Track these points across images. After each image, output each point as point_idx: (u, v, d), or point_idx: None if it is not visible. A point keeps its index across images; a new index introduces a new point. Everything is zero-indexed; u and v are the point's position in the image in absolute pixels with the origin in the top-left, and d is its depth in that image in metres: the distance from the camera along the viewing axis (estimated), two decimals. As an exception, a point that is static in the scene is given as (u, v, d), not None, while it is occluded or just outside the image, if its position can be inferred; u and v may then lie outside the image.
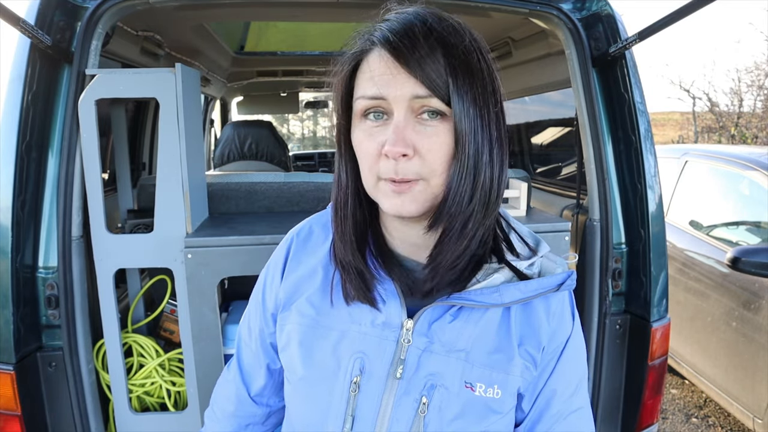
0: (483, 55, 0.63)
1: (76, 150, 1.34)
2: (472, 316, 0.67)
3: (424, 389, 0.65)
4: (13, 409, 1.27)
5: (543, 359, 0.70)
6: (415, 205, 0.62)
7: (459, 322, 0.67)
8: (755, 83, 10.03)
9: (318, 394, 0.70)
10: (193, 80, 1.52)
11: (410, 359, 0.66)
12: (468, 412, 0.66)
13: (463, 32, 0.62)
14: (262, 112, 5.43)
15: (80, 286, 1.36)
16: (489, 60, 0.64)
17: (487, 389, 0.66)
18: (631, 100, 1.50)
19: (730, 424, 3.03)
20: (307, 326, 0.72)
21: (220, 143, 2.79)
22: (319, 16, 2.12)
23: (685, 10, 1.18)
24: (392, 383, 0.66)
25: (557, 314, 0.71)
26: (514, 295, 0.66)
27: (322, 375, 0.70)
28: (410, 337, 0.66)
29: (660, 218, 1.51)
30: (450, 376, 0.66)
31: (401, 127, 0.60)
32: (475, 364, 0.66)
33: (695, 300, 2.92)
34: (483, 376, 0.66)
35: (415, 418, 0.65)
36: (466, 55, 0.61)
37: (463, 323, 0.67)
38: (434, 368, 0.66)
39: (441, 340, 0.66)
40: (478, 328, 0.67)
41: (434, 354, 0.66)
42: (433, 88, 0.59)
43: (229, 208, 1.81)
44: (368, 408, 0.67)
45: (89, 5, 1.36)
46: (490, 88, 0.62)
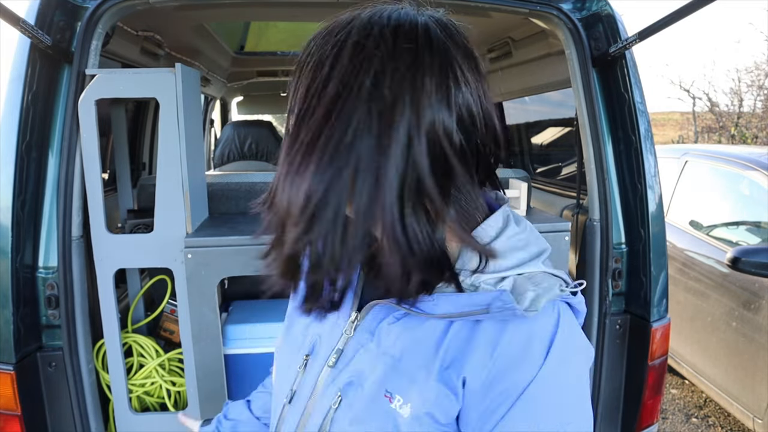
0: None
1: (76, 150, 1.34)
2: (410, 323, 0.61)
3: (344, 385, 0.63)
4: (13, 409, 1.27)
5: (481, 399, 0.56)
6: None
7: (399, 326, 0.62)
8: (755, 83, 10.04)
9: (283, 365, 0.74)
10: (193, 80, 1.52)
11: (348, 351, 0.65)
12: (372, 419, 0.60)
13: (334, 23, 0.57)
14: (262, 112, 5.43)
15: (80, 286, 1.36)
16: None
17: (402, 405, 0.59)
18: (631, 100, 1.50)
19: (730, 424, 3.03)
20: (291, 304, 0.77)
21: (220, 143, 2.79)
22: (319, 16, 2.12)
23: (685, 10, 1.18)
24: (326, 370, 0.66)
25: (511, 348, 0.56)
26: (446, 308, 0.58)
27: (291, 348, 0.73)
28: (352, 330, 0.65)
29: (660, 218, 1.51)
30: (371, 379, 0.61)
31: None
32: (401, 374, 0.60)
33: (695, 300, 2.92)
34: (403, 389, 0.59)
35: (329, 411, 0.63)
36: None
37: (402, 329, 0.61)
38: (362, 366, 0.63)
39: (380, 341, 0.63)
40: (413, 337, 0.60)
41: (369, 353, 0.63)
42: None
43: (229, 208, 1.82)
44: (306, 387, 0.68)
45: (89, 5, 1.36)
46: (319, 74, 0.54)
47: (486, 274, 0.58)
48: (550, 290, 0.57)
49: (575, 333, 0.59)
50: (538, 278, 0.59)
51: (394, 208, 0.52)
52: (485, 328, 0.57)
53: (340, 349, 0.66)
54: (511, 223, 0.62)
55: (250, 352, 1.56)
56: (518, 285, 0.58)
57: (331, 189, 0.51)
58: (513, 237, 0.61)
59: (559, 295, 0.57)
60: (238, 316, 1.61)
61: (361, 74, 0.51)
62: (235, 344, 1.55)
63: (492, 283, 0.58)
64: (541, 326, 0.56)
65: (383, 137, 0.51)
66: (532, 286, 0.57)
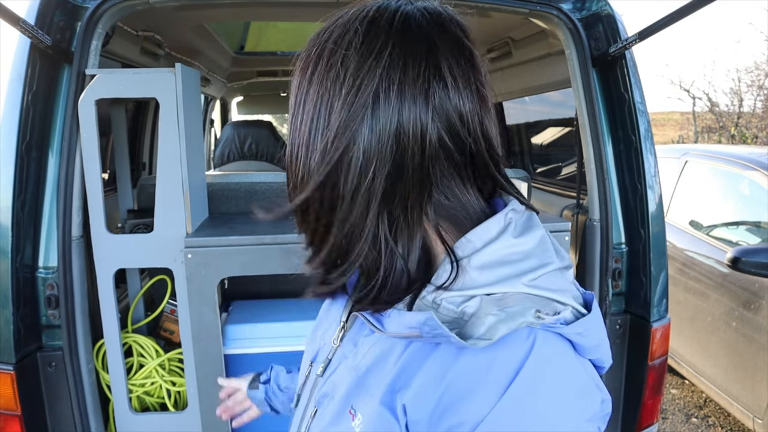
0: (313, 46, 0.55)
1: (76, 150, 1.34)
2: (381, 336, 0.55)
3: (321, 396, 0.61)
4: (13, 409, 1.27)
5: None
6: None
7: (371, 338, 0.57)
8: (755, 83, 10.04)
9: (303, 365, 0.72)
10: (193, 80, 1.52)
11: (333, 361, 0.63)
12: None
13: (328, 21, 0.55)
14: (262, 112, 5.43)
15: (80, 286, 1.36)
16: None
17: (360, 423, 0.53)
18: (631, 100, 1.50)
19: (730, 424, 3.03)
20: (321, 310, 0.75)
21: (220, 143, 2.79)
22: (319, 16, 2.12)
23: (685, 10, 1.18)
24: (317, 379, 0.64)
25: (465, 378, 0.46)
26: (394, 326, 0.52)
27: (306, 355, 0.72)
28: (338, 340, 0.63)
29: (660, 218, 1.51)
30: (341, 391, 0.57)
31: None
32: (363, 390, 0.55)
33: (695, 300, 2.92)
34: (363, 406, 0.54)
35: (309, 421, 0.62)
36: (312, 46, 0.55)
37: (372, 342, 0.57)
38: (338, 378, 0.60)
39: (356, 352, 0.59)
40: (379, 352, 0.55)
41: (347, 364, 0.59)
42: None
43: (229, 208, 1.82)
44: (305, 394, 0.67)
45: (89, 5, 1.36)
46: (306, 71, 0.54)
47: (451, 291, 0.50)
48: (518, 317, 0.47)
49: (556, 372, 0.47)
50: (509, 300, 0.48)
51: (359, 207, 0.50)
52: (440, 353, 0.49)
53: (329, 358, 0.63)
54: (508, 232, 0.52)
55: (250, 352, 1.56)
56: (482, 308, 0.48)
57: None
58: (502, 249, 0.51)
59: (531, 322, 0.47)
60: (238, 316, 1.61)
61: (336, 71, 0.49)
62: (235, 344, 1.55)
63: (457, 302, 0.50)
64: (504, 358, 0.46)
65: (356, 137, 0.48)
66: (496, 309, 0.47)
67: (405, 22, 0.50)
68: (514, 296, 0.49)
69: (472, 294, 0.49)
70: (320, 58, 0.51)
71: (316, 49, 0.52)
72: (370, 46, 0.49)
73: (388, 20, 0.50)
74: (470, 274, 0.50)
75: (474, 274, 0.50)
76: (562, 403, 0.46)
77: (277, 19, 2.54)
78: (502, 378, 0.45)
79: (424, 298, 0.51)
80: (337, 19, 0.53)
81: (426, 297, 0.51)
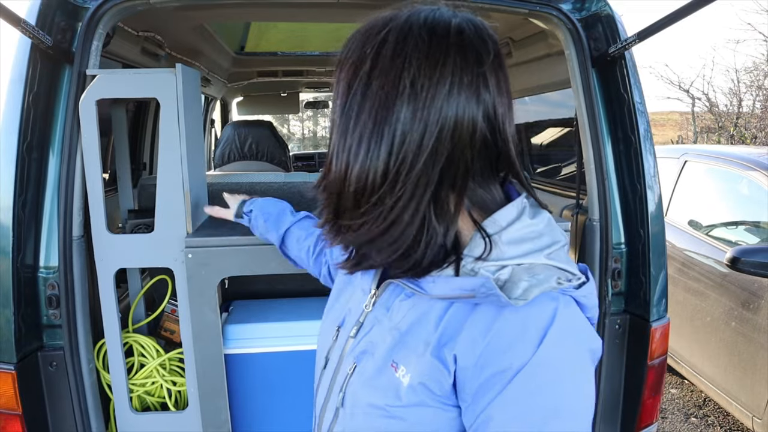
0: (380, 50, 0.59)
1: (76, 150, 1.35)
2: (420, 300, 0.66)
3: (359, 353, 0.71)
4: (14, 409, 1.27)
5: (475, 377, 0.59)
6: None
7: (408, 303, 0.67)
8: (754, 83, 10.04)
9: (322, 336, 0.82)
10: (194, 80, 1.53)
11: (366, 324, 0.72)
12: (378, 385, 0.66)
13: (377, 24, 0.62)
14: (263, 113, 5.43)
15: (81, 286, 1.36)
16: (390, 58, 0.59)
17: (404, 375, 0.64)
18: (630, 100, 1.50)
19: (730, 423, 3.04)
20: (341, 279, 0.85)
21: (220, 143, 2.79)
22: (319, 16, 2.13)
23: (685, 10, 1.18)
24: (349, 340, 0.74)
25: (505, 332, 0.58)
26: (441, 289, 0.63)
27: (330, 322, 0.81)
28: (371, 305, 0.73)
29: (659, 218, 1.51)
30: (381, 349, 0.67)
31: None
32: (405, 346, 0.65)
33: (695, 300, 2.93)
34: (406, 360, 0.64)
35: (347, 376, 0.71)
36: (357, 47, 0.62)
37: (410, 305, 0.67)
38: (375, 338, 0.69)
39: (392, 315, 0.69)
40: (418, 314, 0.66)
41: (382, 326, 0.69)
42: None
43: None
44: (335, 355, 0.76)
45: (90, 6, 1.36)
46: (360, 71, 0.60)
47: (488, 261, 0.61)
48: (545, 282, 0.59)
49: (576, 325, 0.61)
50: (536, 269, 0.61)
51: (418, 192, 0.59)
52: (482, 311, 0.60)
53: (361, 321, 0.73)
54: (525, 215, 0.64)
55: (250, 352, 1.56)
56: (515, 274, 0.60)
57: (370, 171, 0.59)
58: (523, 228, 0.63)
59: (554, 287, 0.59)
60: (238, 316, 1.62)
61: (401, 72, 0.58)
62: (235, 344, 1.55)
63: (492, 270, 0.61)
64: (537, 314, 0.58)
65: (416, 131, 0.58)
66: (528, 276, 0.59)
67: (459, 34, 0.59)
68: (538, 266, 0.61)
69: (503, 264, 0.61)
70: (379, 58, 0.59)
71: (371, 50, 0.60)
72: (434, 54, 0.58)
73: (445, 30, 0.59)
74: (501, 248, 0.62)
75: (504, 248, 0.62)
76: (580, 348, 0.60)
77: (277, 19, 2.54)
78: (537, 331, 0.57)
79: (464, 266, 0.62)
80: (388, 22, 0.61)
81: (466, 266, 0.62)
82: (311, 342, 1.55)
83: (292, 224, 1.22)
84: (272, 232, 1.24)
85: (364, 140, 0.59)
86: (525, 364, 0.56)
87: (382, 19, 0.61)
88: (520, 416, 0.56)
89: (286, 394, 1.59)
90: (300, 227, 1.22)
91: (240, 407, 1.58)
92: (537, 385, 0.56)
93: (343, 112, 0.61)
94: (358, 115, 0.60)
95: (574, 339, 0.60)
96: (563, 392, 0.57)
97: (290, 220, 1.23)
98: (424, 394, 0.62)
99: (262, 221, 1.26)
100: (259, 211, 1.27)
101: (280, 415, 1.60)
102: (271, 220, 1.24)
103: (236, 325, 1.57)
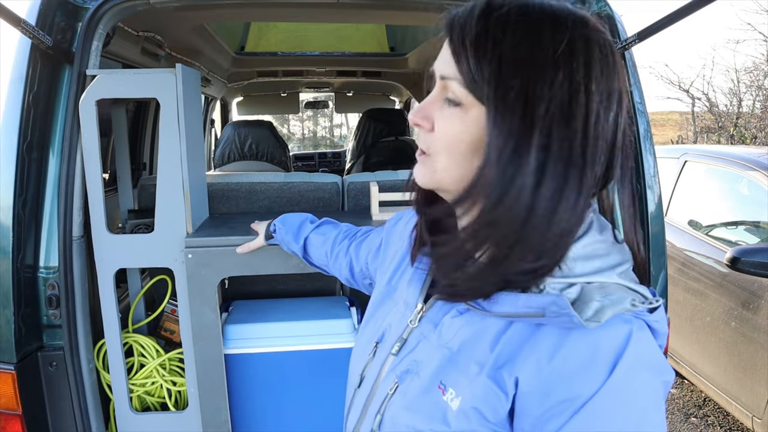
0: (572, 57, 0.53)
1: (76, 150, 1.35)
2: (474, 318, 0.61)
3: (402, 372, 0.66)
4: (14, 409, 1.27)
5: (537, 405, 0.54)
6: (420, 175, 0.63)
7: (460, 320, 0.63)
8: (754, 83, 10.03)
9: (358, 353, 0.78)
10: (194, 80, 1.53)
11: (410, 341, 0.68)
12: (423, 408, 0.61)
13: (545, 20, 0.54)
14: (263, 113, 5.44)
15: (81, 286, 1.36)
16: (583, 69, 0.54)
17: (454, 398, 0.59)
18: (630, 100, 1.50)
19: (729, 423, 3.04)
20: (380, 292, 0.81)
21: (220, 143, 2.79)
22: (319, 17, 2.13)
23: (685, 10, 1.18)
24: (389, 358, 0.69)
25: (573, 357, 0.53)
26: (505, 307, 0.58)
27: (367, 338, 0.77)
28: (417, 321, 0.68)
29: (659, 218, 1.51)
30: (428, 369, 0.63)
31: (427, 100, 0.61)
32: (456, 367, 0.60)
33: (694, 300, 2.93)
34: (456, 382, 0.59)
35: (386, 396, 0.66)
36: (532, 47, 0.53)
37: (463, 323, 0.62)
38: (421, 356, 0.65)
39: (441, 333, 0.64)
40: (472, 332, 0.61)
41: (429, 343, 0.65)
42: (462, 72, 0.55)
43: (230, 208, 1.82)
44: (372, 373, 0.71)
45: (90, 6, 1.36)
46: (566, 98, 0.53)
47: (555, 278, 0.57)
48: (619, 303, 0.53)
49: (651, 352, 0.55)
50: (609, 289, 0.56)
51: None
52: (546, 333, 0.55)
53: (404, 338, 0.68)
54: (593, 230, 0.59)
55: (250, 352, 1.56)
56: (585, 293, 0.55)
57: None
58: (592, 244, 0.58)
59: (629, 309, 0.54)
60: (238, 316, 1.62)
61: (587, 75, 0.54)
62: (235, 344, 1.55)
63: (559, 288, 0.56)
64: (609, 339, 0.53)
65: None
66: (600, 296, 0.54)
67: (611, 45, 0.58)
68: (611, 286, 0.56)
69: (572, 282, 0.56)
70: (577, 51, 0.54)
71: (546, 40, 0.54)
72: (609, 54, 0.56)
73: (609, 40, 0.57)
74: (568, 263, 0.56)
75: (571, 264, 0.57)
76: (654, 380, 0.54)
77: (277, 19, 2.54)
78: (609, 357, 0.52)
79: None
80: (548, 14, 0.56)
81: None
82: (311, 342, 1.56)
83: (311, 232, 1.22)
84: (294, 243, 1.24)
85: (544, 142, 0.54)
86: (595, 393, 0.51)
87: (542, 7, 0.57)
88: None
89: (286, 394, 1.59)
90: (318, 233, 1.21)
91: (240, 407, 1.58)
92: (608, 417, 0.51)
93: (528, 139, 0.53)
94: (549, 139, 0.53)
95: (648, 368, 0.54)
96: (635, 426, 0.52)
97: (309, 228, 1.22)
98: (476, 420, 0.57)
99: (284, 234, 1.26)
100: (282, 225, 1.28)
101: (280, 415, 1.60)
102: (291, 233, 1.24)
103: (236, 325, 1.57)
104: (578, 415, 0.51)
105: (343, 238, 1.14)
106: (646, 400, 0.53)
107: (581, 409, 0.51)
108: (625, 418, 0.51)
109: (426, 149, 0.62)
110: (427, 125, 0.61)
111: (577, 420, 0.51)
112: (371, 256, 0.99)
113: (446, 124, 0.59)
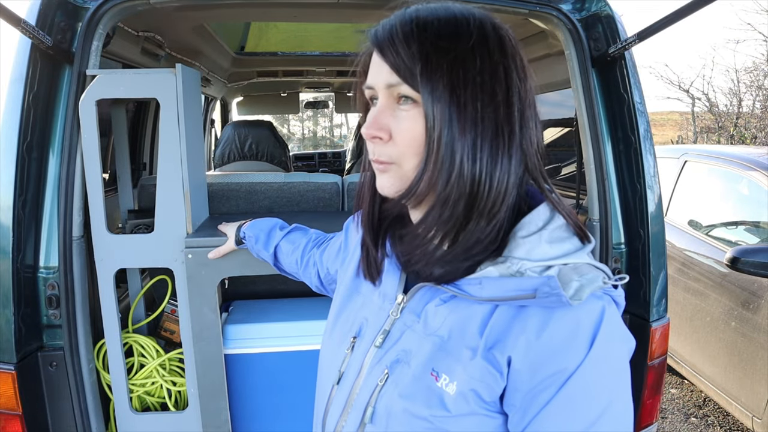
0: (485, 44, 0.61)
1: (76, 150, 1.35)
2: (459, 305, 0.65)
3: (391, 362, 0.68)
4: (14, 409, 1.27)
5: (527, 380, 0.59)
6: (389, 186, 0.66)
7: (446, 308, 0.65)
8: (754, 83, 10.03)
9: (330, 350, 0.79)
10: (194, 80, 1.53)
11: (394, 332, 0.70)
12: (418, 395, 0.64)
13: (460, 20, 0.62)
14: (263, 113, 5.44)
15: (81, 286, 1.36)
16: (498, 52, 0.62)
17: (449, 383, 0.62)
18: (630, 100, 1.50)
19: (729, 423, 3.04)
20: (345, 287, 0.83)
21: (220, 143, 2.79)
22: (319, 17, 2.13)
23: (685, 10, 1.18)
24: (372, 350, 0.71)
25: (558, 334, 0.58)
26: (494, 291, 0.61)
27: (339, 334, 0.78)
28: (398, 312, 0.70)
29: (659, 218, 1.51)
30: (418, 357, 0.65)
31: (377, 112, 0.65)
32: (448, 353, 0.63)
33: (694, 300, 2.93)
34: (450, 368, 0.63)
35: (376, 388, 0.68)
36: (451, 41, 0.60)
37: (449, 310, 0.65)
38: (408, 345, 0.67)
39: (426, 322, 0.67)
40: (459, 318, 0.64)
41: (415, 333, 0.67)
42: (404, 76, 0.61)
43: (230, 208, 1.82)
44: (353, 368, 0.73)
45: (90, 6, 1.36)
46: (484, 79, 0.60)
47: (532, 261, 0.61)
48: (594, 281, 0.59)
49: (619, 324, 0.61)
50: (583, 269, 0.61)
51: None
52: (531, 313, 0.60)
53: (387, 330, 0.70)
54: (557, 214, 0.64)
55: (250, 352, 1.56)
56: (563, 274, 0.60)
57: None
58: (559, 228, 0.64)
59: (602, 287, 0.60)
60: (238, 316, 1.62)
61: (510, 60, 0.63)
62: (235, 344, 1.55)
63: (538, 270, 0.61)
64: (587, 315, 0.59)
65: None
66: (577, 276, 0.59)
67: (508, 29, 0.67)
68: (583, 266, 0.62)
69: (549, 264, 0.61)
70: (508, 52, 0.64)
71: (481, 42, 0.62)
72: (512, 37, 0.65)
73: (483, 25, 0.64)
74: (543, 247, 0.62)
75: (546, 247, 0.62)
76: (623, 348, 0.61)
77: (277, 19, 2.54)
78: (589, 331, 0.58)
79: (510, 267, 0.62)
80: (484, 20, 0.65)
81: (511, 267, 0.62)
82: (311, 342, 1.56)
83: (281, 239, 1.22)
84: (264, 251, 1.24)
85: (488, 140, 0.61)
86: (579, 364, 0.57)
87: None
88: (577, 416, 0.57)
89: (286, 394, 1.59)
90: (288, 241, 1.21)
91: (240, 407, 1.58)
92: (591, 384, 0.58)
93: (460, 114, 0.60)
94: (476, 113, 0.60)
95: (619, 338, 0.61)
96: (615, 389, 0.59)
97: (279, 236, 1.23)
98: (473, 401, 0.61)
99: (254, 243, 1.26)
100: (251, 233, 1.27)
101: (280, 415, 1.60)
102: (261, 241, 1.24)
103: (236, 325, 1.57)
104: (566, 385, 0.57)
105: (313, 246, 1.15)
106: (619, 366, 0.60)
107: (569, 380, 0.57)
108: (605, 384, 0.59)
109: (388, 159, 0.65)
110: (385, 136, 0.64)
111: (565, 390, 0.57)
112: (333, 259, 1.01)
113: (405, 127, 0.63)
